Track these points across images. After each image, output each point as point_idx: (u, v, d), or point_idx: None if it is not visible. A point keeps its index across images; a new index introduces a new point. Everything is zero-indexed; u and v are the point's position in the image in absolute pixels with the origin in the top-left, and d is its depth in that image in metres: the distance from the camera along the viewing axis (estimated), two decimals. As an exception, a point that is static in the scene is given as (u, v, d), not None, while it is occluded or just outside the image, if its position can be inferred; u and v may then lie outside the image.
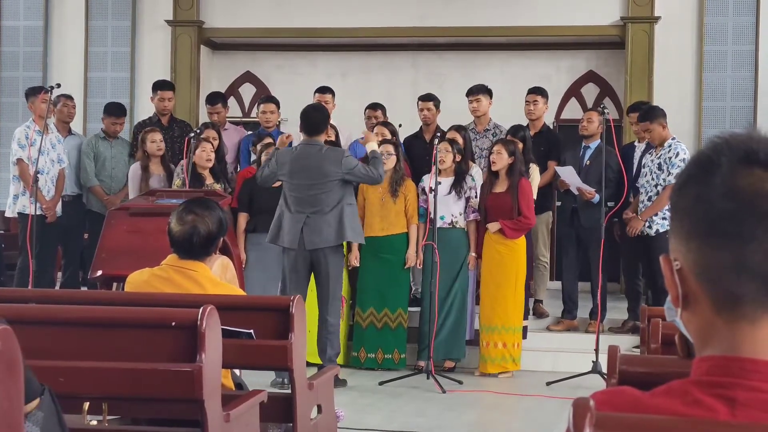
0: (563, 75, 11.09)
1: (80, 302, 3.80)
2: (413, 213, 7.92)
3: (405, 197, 7.88)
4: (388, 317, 7.91)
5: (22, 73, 11.47)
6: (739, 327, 1.22)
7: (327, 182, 6.99)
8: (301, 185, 7.03)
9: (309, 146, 7.12)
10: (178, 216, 3.88)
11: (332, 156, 7.08)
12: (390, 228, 7.87)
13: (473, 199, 7.85)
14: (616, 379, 2.45)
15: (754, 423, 1.18)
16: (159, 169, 8.34)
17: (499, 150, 7.69)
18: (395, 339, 7.95)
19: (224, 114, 9.35)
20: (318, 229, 6.97)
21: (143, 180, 8.22)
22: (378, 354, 7.94)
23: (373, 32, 10.91)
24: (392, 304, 7.92)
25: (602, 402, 1.23)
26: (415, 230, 7.93)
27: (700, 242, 1.23)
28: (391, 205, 7.87)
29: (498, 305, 7.72)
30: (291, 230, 7.01)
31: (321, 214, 6.98)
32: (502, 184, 7.74)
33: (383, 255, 7.88)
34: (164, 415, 3.63)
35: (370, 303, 7.92)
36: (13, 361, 1.94)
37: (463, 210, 7.84)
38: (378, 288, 7.91)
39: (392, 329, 7.92)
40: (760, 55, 10.21)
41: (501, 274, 7.71)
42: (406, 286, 8.11)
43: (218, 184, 7.84)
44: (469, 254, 7.86)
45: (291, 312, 3.72)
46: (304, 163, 7.04)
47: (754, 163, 1.22)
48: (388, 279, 7.91)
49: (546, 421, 6.46)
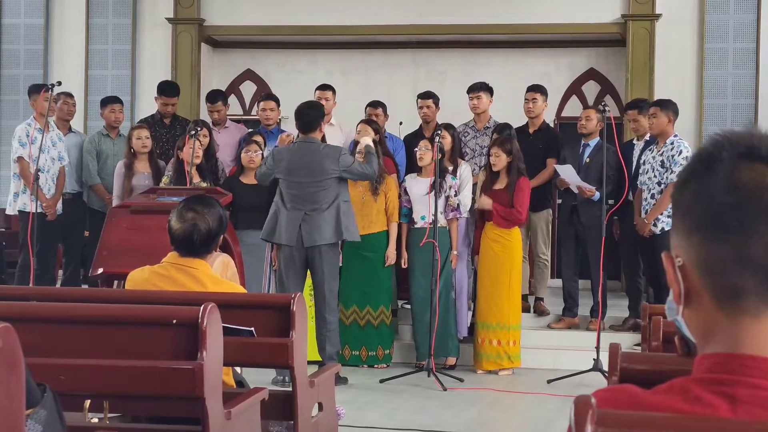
0: (564, 72, 11.09)
1: (81, 300, 3.80)
2: (393, 211, 7.93)
3: (385, 195, 7.90)
4: (370, 315, 7.94)
5: (22, 70, 11.47)
6: (741, 322, 1.22)
7: (325, 179, 7.01)
8: (298, 182, 7.04)
9: (306, 144, 7.14)
10: (179, 214, 3.88)
11: (330, 153, 7.10)
12: (370, 226, 7.86)
13: (452, 198, 7.85)
14: (617, 376, 2.44)
15: (754, 420, 1.18)
16: (145, 166, 8.27)
17: (496, 152, 7.75)
18: (378, 336, 7.98)
19: (224, 112, 9.33)
20: (316, 227, 6.99)
21: (126, 178, 8.18)
22: (362, 351, 7.96)
23: (373, 30, 10.91)
24: (374, 302, 7.94)
25: (604, 399, 1.23)
26: (395, 228, 7.95)
27: (702, 237, 1.23)
28: (372, 203, 7.88)
29: (493, 303, 7.74)
30: (288, 227, 7.02)
31: (319, 211, 7.00)
32: (502, 181, 7.79)
33: (364, 253, 7.88)
34: (165, 412, 3.63)
35: (353, 301, 7.94)
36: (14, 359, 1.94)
37: (443, 209, 7.84)
38: (360, 286, 7.93)
39: (375, 327, 7.94)
40: (761, 52, 10.21)
41: (496, 270, 7.74)
42: (388, 284, 8.11)
43: (205, 182, 7.79)
44: (451, 252, 7.86)
45: (292, 310, 3.72)
46: (301, 160, 7.06)
47: (756, 158, 1.22)
48: (370, 277, 7.93)
49: (547, 419, 6.46)
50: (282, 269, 7.15)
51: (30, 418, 2.09)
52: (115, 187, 8.30)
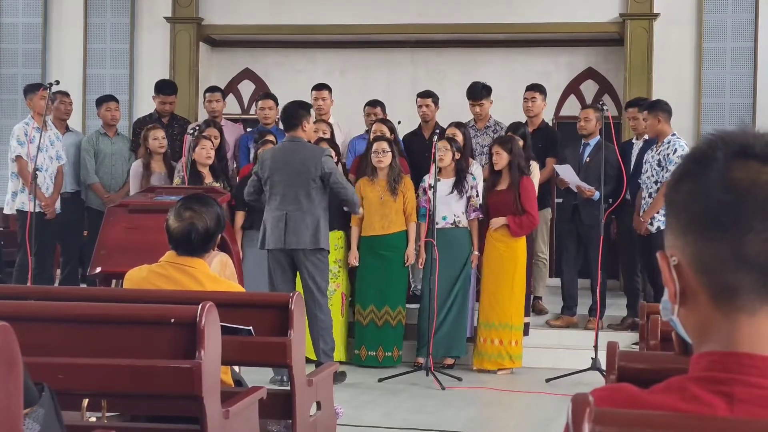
0: (562, 72, 11.09)
1: (79, 299, 3.79)
2: (412, 210, 7.93)
3: (404, 195, 7.89)
4: (388, 315, 7.91)
5: (20, 70, 11.47)
6: (737, 320, 1.22)
7: (306, 179, 6.98)
8: (281, 181, 7.01)
9: (289, 142, 7.13)
10: (176, 213, 3.88)
11: (313, 153, 7.08)
12: (390, 226, 7.87)
13: (474, 198, 7.86)
14: (615, 375, 2.45)
15: (752, 419, 1.18)
16: (161, 166, 8.33)
17: (497, 151, 7.71)
18: (395, 336, 7.95)
19: (222, 106, 9.31)
20: (296, 230, 6.97)
21: (144, 178, 8.22)
22: (379, 352, 7.94)
23: (372, 29, 10.90)
24: (392, 302, 7.92)
25: (601, 398, 1.23)
26: (414, 228, 7.94)
27: (698, 235, 1.23)
28: (390, 203, 7.87)
29: (496, 303, 7.73)
30: (274, 230, 7.01)
31: (300, 212, 6.97)
32: (504, 181, 7.76)
33: (383, 253, 7.88)
34: (163, 411, 3.63)
35: (371, 301, 7.92)
36: (12, 358, 1.94)
37: (464, 209, 7.84)
38: (378, 286, 7.90)
39: (393, 327, 7.93)
40: (759, 52, 10.21)
41: (500, 271, 7.73)
42: (405, 284, 8.12)
43: (218, 182, 7.82)
44: (473, 253, 7.86)
45: (290, 309, 3.72)
46: (284, 158, 7.03)
47: (750, 156, 1.22)
48: (388, 277, 7.91)
49: (545, 418, 6.46)
50: (270, 270, 7.13)
51: (28, 417, 2.09)
52: (132, 187, 8.31)
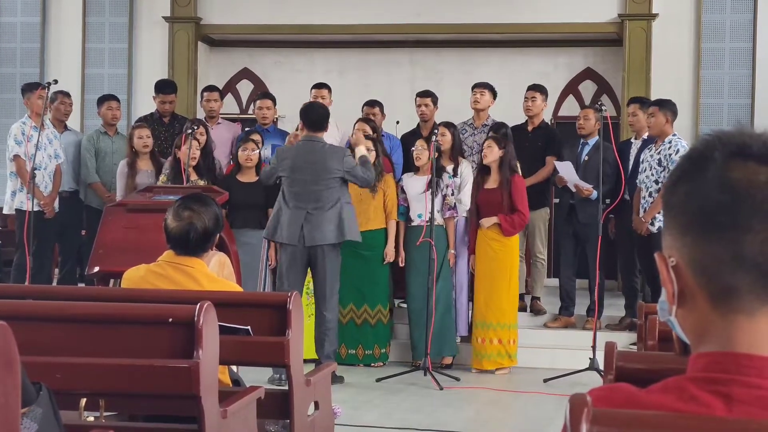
0: (561, 72, 11.09)
1: (77, 298, 3.79)
2: (392, 208, 7.92)
3: (384, 193, 7.89)
4: (367, 314, 7.92)
5: (19, 69, 11.46)
6: (735, 320, 1.22)
7: (329, 179, 7.02)
8: (302, 180, 7.04)
9: (311, 142, 7.14)
10: (175, 212, 3.88)
11: (334, 153, 7.13)
12: (368, 224, 7.82)
13: (449, 197, 7.85)
14: (613, 375, 2.45)
15: (750, 419, 1.18)
16: (148, 164, 8.27)
17: (489, 144, 7.72)
18: (375, 335, 7.96)
19: (219, 106, 9.31)
20: (318, 226, 6.98)
21: (129, 177, 8.17)
22: (358, 350, 7.95)
23: (371, 29, 10.90)
24: (371, 301, 7.92)
25: (599, 398, 1.23)
26: (394, 226, 7.94)
27: (696, 236, 1.23)
28: (369, 200, 7.86)
29: (492, 302, 7.73)
30: (290, 226, 7.01)
31: (321, 210, 7.00)
32: (494, 180, 7.75)
33: (362, 251, 7.82)
34: (161, 411, 3.63)
35: (350, 299, 7.90)
36: (10, 358, 1.94)
37: (440, 207, 7.83)
38: (357, 285, 7.88)
39: (372, 326, 7.93)
40: (758, 52, 10.21)
41: (495, 270, 7.73)
42: (385, 282, 8.09)
43: (202, 180, 7.78)
44: (449, 251, 7.85)
45: (288, 308, 3.72)
46: (306, 158, 7.06)
47: (748, 156, 1.22)
48: (367, 275, 7.89)
49: (543, 418, 6.46)
50: (283, 268, 7.13)
51: (25, 417, 2.09)
52: (118, 187, 8.29)
